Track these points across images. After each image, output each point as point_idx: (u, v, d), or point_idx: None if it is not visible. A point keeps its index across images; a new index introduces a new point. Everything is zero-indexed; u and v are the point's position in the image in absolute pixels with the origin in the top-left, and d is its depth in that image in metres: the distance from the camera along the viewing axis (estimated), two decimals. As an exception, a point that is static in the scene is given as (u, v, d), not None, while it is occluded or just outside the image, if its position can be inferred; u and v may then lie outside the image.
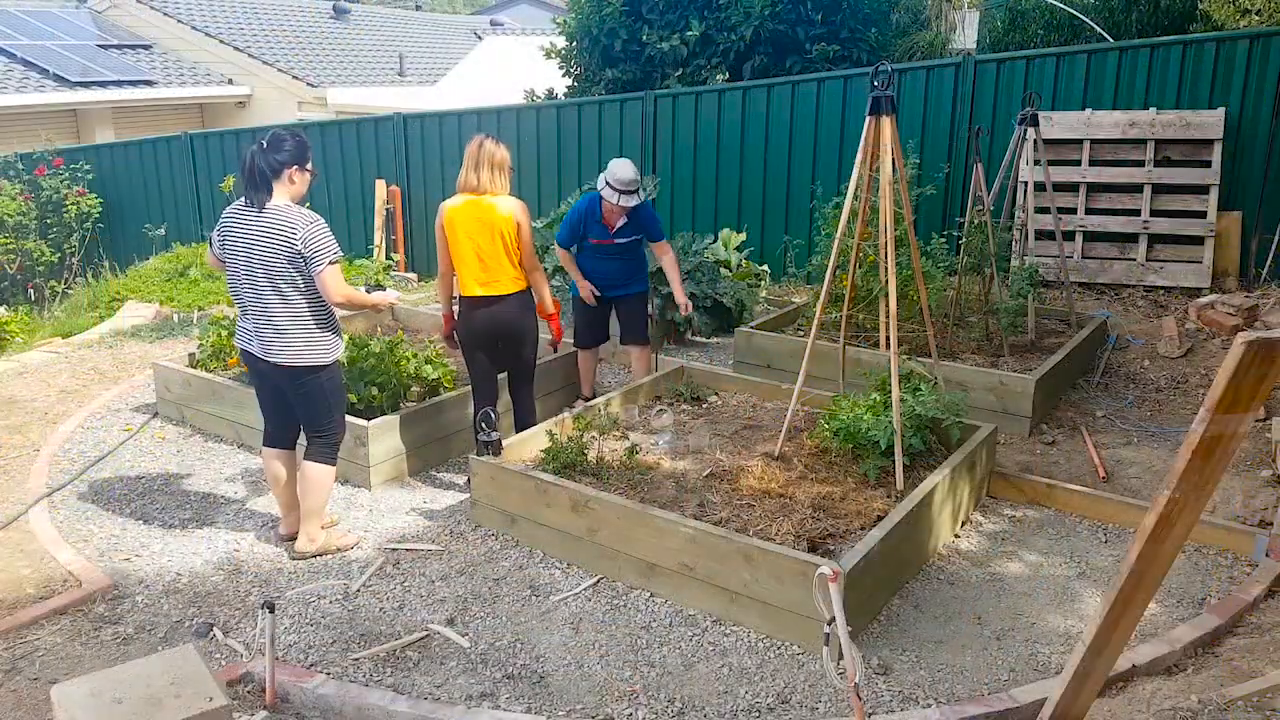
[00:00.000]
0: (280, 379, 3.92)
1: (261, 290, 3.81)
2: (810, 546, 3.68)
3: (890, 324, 4.27)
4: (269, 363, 3.87)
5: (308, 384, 3.92)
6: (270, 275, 3.79)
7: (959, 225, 7.01)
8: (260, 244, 3.77)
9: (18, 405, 6.02)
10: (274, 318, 3.82)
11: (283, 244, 3.75)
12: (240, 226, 3.82)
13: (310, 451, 4.05)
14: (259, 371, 3.98)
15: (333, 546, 4.18)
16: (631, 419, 5.08)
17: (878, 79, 4.16)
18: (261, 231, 3.77)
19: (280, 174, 3.78)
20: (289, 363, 3.85)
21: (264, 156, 3.76)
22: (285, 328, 3.83)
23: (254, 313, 3.85)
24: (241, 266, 3.83)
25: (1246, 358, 1.85)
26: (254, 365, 3.97)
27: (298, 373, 3.88)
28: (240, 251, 3.82)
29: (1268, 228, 7.20)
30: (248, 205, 3.81)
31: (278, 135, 3.83)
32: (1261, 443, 5.01)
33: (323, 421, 4.02)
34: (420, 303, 8.71)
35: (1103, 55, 7.64)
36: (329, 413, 4.03)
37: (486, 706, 3.16)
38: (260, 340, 3.86)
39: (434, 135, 10.46)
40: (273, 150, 3.78)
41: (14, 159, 12.35)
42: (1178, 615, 3.65)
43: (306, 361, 3.87)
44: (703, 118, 8.93)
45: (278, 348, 3.84)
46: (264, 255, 3.78)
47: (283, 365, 3.85)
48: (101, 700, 2.52)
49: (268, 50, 17.45)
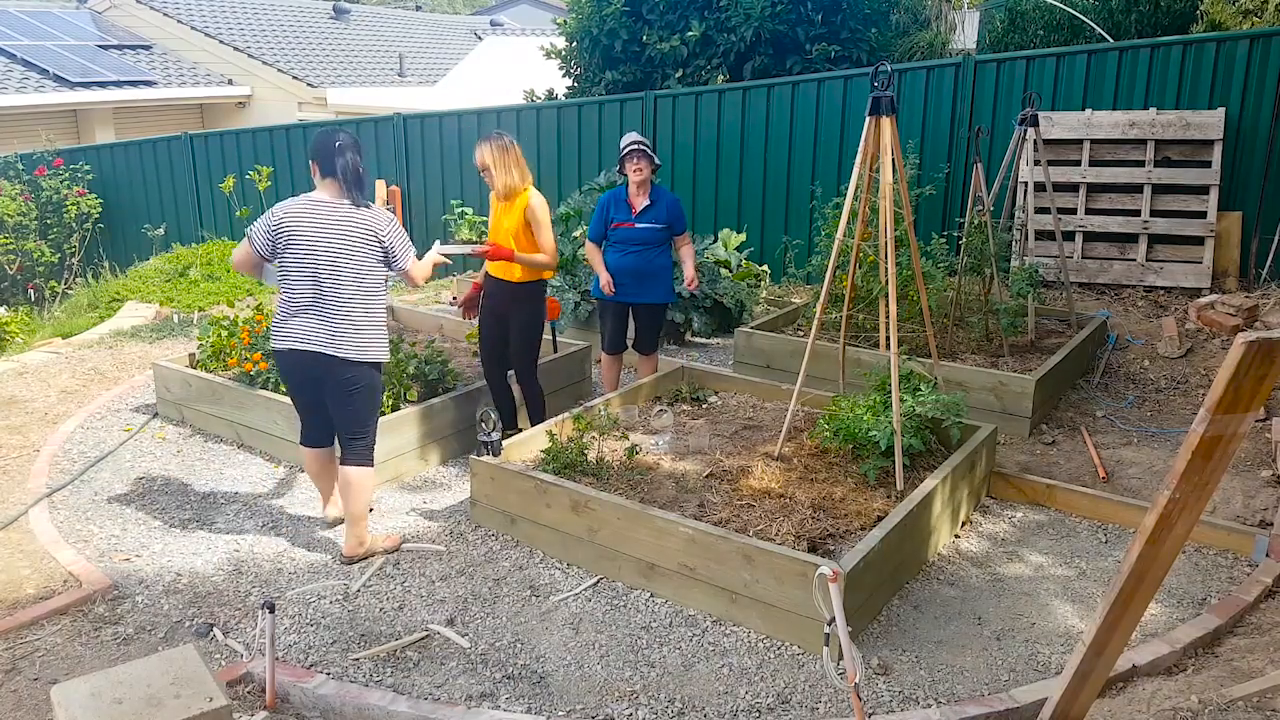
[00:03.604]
0: (340, 376, 3.93)
1: (344, 285, 3.86)
2: (810, 547, 3.68)
3: (890, 324, 4.27)
4: (336, 358, 3.89)
5: (364, 380, 3.98)
6: (357, 271, 3.87)
7: (959, 225, 7.01)
8: (351, 239, 3.86)
9: (18, 405, 6.02)
10: (351, 313, 3.88)
11: (375, 241, 3.90)
12: (322, 221, 3.85)
13: (350, 455, 4.05)
14: (313, 372, 3.94)
15: (379, 548, 4.17)
16: (631, 419, 5.08)
17: (878, 79, 4.16)
18: (353, 227, 3.87)
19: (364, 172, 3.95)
20: (359, 358, 3.92)
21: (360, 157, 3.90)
22: (361, 324, 3.91)
23: (330, 308, 3.86)
24: (322, 261, 3.85)
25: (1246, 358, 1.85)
26: (307, 365, 3.93)
27: (363, 369, 3.95)
28: (320, 246, 3.84)
29: (1268, 228, 7.20)
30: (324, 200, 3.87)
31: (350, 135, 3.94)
32: (1261, 443, 5.01)
33: (366, 421, 4.06)
34: (420, 303, 8.71)
35: (1103, 55, 7.64)
36: (373, 412, 4.08)
37: (486, 707, 3.16)
38: (333, 336, 3.87)
39: (434, 136, 10.46)
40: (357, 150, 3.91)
41: (14, 159, 12.35)
42: (1178, 615, 3.65)
43: (372, 357, 3.96)
44: (702, 118, 8.93)
45: (350, 343, 3.89)
46: (354, 250, 3.87)
47: (351, 360, 3.90)
48: (101, 700, 2.52)
49: (268, 50, 17.45)
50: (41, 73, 14.71)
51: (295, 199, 3.92)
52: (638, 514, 3.80)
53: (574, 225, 7.70)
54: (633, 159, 5.22)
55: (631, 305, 5.44)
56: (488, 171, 4.71)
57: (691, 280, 5.38)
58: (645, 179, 5.27)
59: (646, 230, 5.28)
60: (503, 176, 4.70)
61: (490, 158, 4.68)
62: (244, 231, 4.05)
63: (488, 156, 4.68)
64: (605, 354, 5.60)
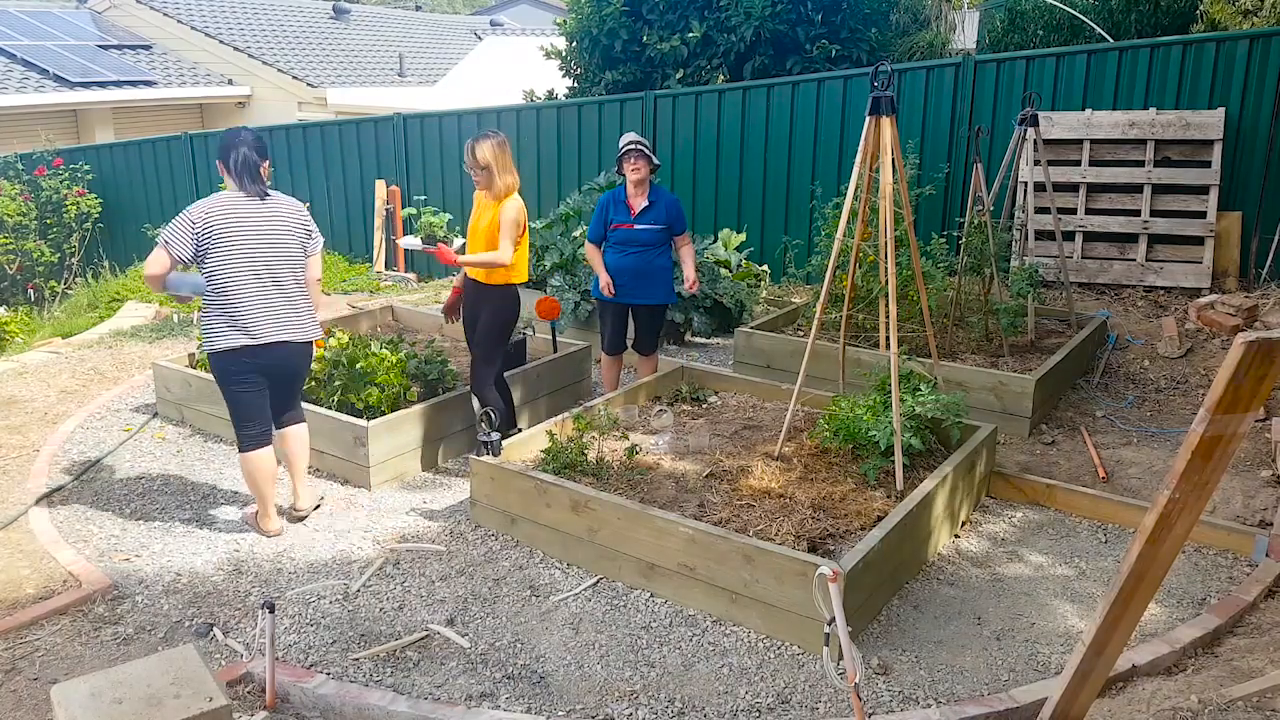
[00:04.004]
0: (308, 358, 4.22)
1: (281, 274, 4.04)
2: (810, 547, 3.68)
3: (890, 324, 4.27)
4: (307, 343, 4.15)
5: (310, 360, 4.29)
6: (291, 258, 4.08)
7: (959, 225, 7.01)
8: (282, 229, 4.06)
9: (18, 405, 6.02)
10: (295, 299, 4.09)
11: (299, 228, 4.13)
12: (249, 215, 3.98)
13: (298, 416, 4.38)
14: (290, 360, 4.12)
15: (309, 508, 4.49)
16: (631, 419, 5.08)
17: (877, 79, 4.16)
18: (281, 217, 4.06)
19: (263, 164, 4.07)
20: (312, 337, 4.18)
21: (253, 151, 4.01)
22: (303, 306, 4.14)
23: (276, 299, 4.02)
24: (262, 253, 3.98)
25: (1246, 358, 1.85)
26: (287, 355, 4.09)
27: (309, 350, 4.23)
28: (255, 239, 3.97)
29: (1267, 228, 7.20)
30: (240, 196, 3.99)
31: (251, 132, 4.13)
32: (1261, 443, 5.01)
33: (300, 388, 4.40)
34: (420, 303, 8.71)
35: (1103, 55, 7.64)
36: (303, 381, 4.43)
37: (486, 706, 3.16)
38: (299, 323, 4.10)
39: (434, 135, 10.46)
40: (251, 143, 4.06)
41: (14, 159, 12.35)
42: (1178, 615, 3.65)
43: (318, 335, 4.25)
44: (702, 118, 8.93)
45: (310, 324, 4.17)
46: (287, 239, 4.07)
47: (307, 342, 4.17)
48: (101, 700, 2.52)
49: (268, 50, 17.45)
50: (41, 73, 14.71)
51: (209, 200, 3.97)
52: (638, 514, 3.80)
53: (574, 225, 7.70)
54: (630, 158, 5.21)
55: (631, 306, 5.44)
56: (487, 170, 4.67)
57: (692, 282, 5.38)
58: (643, 179, 5.26)
59: (646, 231, 5.27)
60: (506, 177, 4.72)
61: (492, 156, 4.67)
62: None
63: (489, 154, 4.67)
64: (605, 354, 5.60)
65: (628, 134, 5.35)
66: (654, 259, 5.33)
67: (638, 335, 5.56)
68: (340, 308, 8.29)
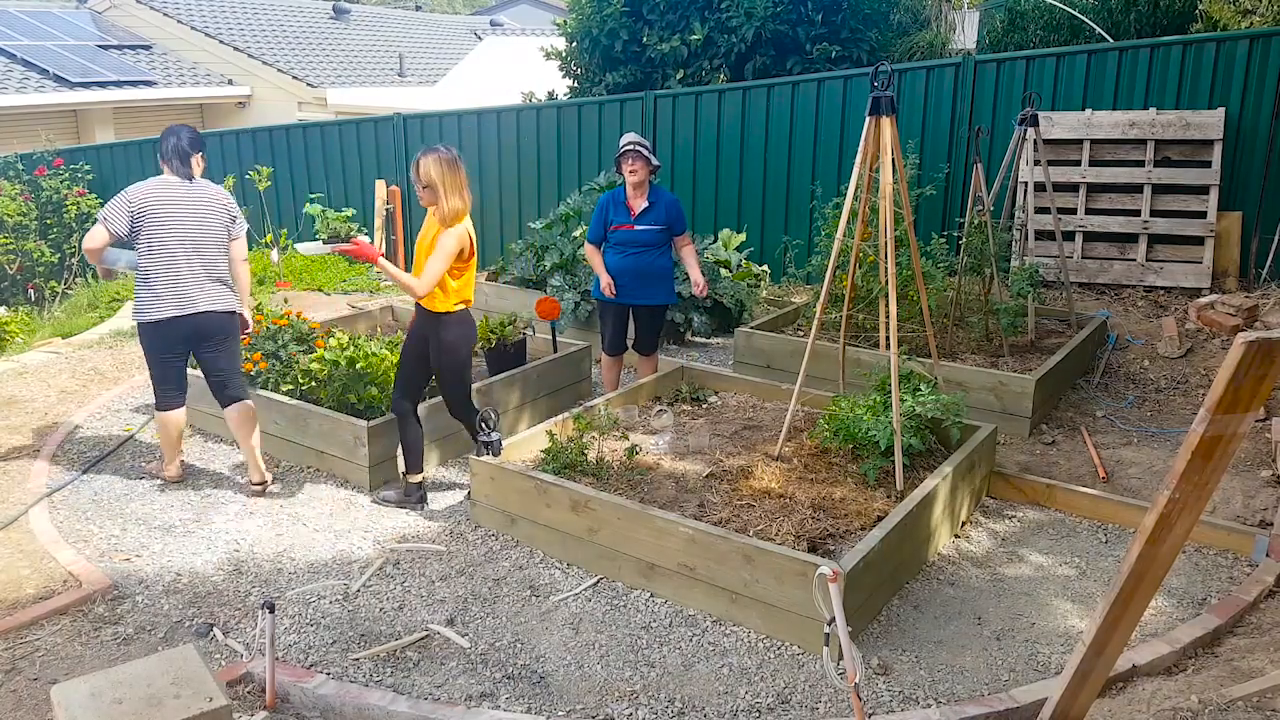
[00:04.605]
0: (228, 327, 4.61)
1: (207, 251, 4.51)
2: (810, 547, 3.69)
3: (890, 324, 4.27)
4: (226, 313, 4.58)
5: (236, 327, 4.68)
6: (216, 237, 4.56)
7: (959, 225, 7.01)
8: (206, 210, 4.54)
9: (18, 405, 6.02)
10: (219, 274, 4.57)
11: (223, 211, 4.61)
12: (181, 199, 4.47)
13: (239, 393, 4.68)
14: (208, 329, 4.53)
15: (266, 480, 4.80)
16: (631, 419, 5.08)
17: (877, 79, 4.16)
18: (208, 200, 4.55)
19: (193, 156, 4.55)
20: (232, 308, 4.63)
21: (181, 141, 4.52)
22: (227, 281, 4.62)
23: (202, 273, 4.49)
24: (190, 232, 4.46)
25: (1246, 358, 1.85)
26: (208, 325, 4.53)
27: (233, 319, 4.65)
28: (186, 219, 4.46)
29: (1267, 228, 7.20)
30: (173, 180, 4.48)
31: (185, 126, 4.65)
32: (1261, 443, 5.01)
33: (239, 363, 4.75)
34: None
35: (1103, 55, 7.64)
36: (239, 357, 4.77)
37: (486, 707, 3.16)
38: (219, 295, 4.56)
39: (434, 136, 10.45)
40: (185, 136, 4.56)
41: (14, 159, 12.35)
42: (1178, 615, 3.66)
43: (238, 308, 4.69)
44: (702, 118, 8.93)
45: (228, 297, 4.61)
46: (210, 220, 4.55)
47: (233, 311, 4.64)
48: (101, 700, 2.52)
49: (268, 50, 17.45)
50: (41, 73, 14.71)
51: (145, 183, 4.47)
52: (638, 514, 3.80)
53: (574, 225, 7.70)
54: (628, 159, 5.21)
55: (632, 306, 5.44)
56: (431, 189, 4.14)
57: (700, 285, 5.36)
58: (642, 180, 5.26)
59: (646, 232, 5.27)
60: (454, 199, 4.16)
61: (438, 174, 4.14)
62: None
63: (433, 172, 4.13)
64: (605, 355, 5.60)
65: (627, 134, 5.35)
66: (654, 259, 5.33)
67: (638, 335, 5.56)
68: (340, 308, 8.29)
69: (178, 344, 4.51)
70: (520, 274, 7.59)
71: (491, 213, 10.29)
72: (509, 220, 10.15)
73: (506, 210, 10.15)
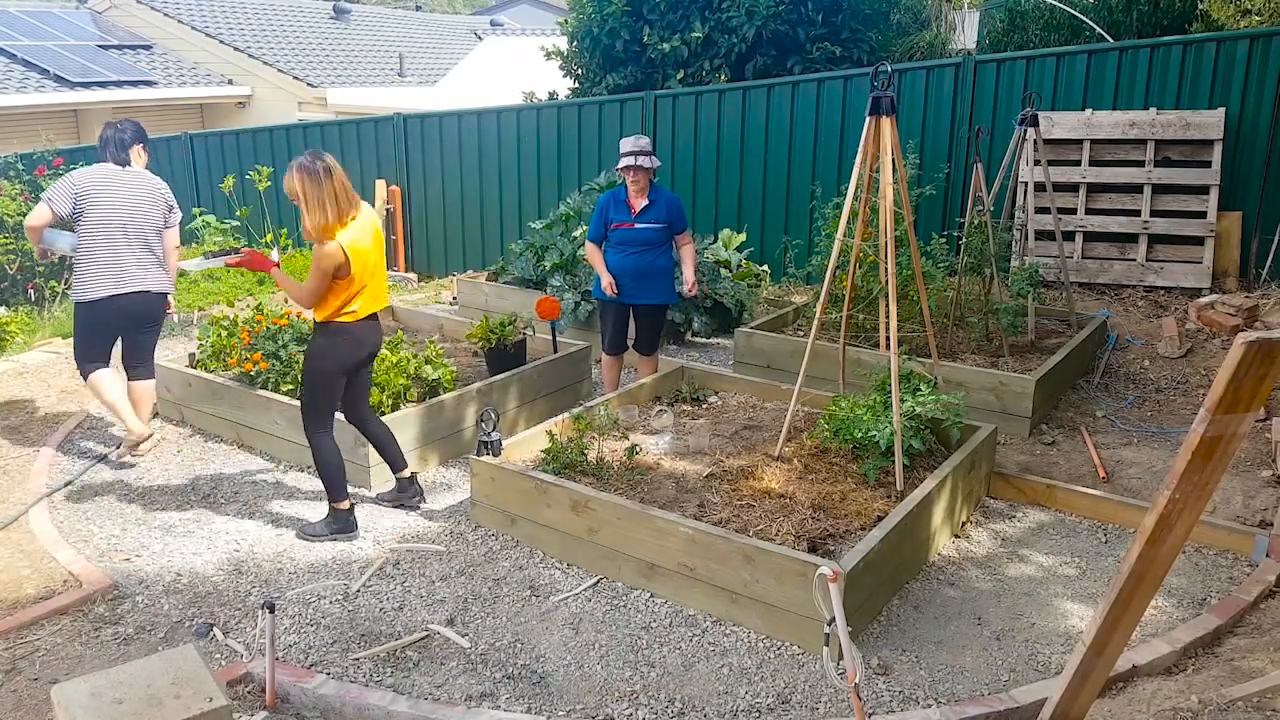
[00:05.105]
0: (156, 308, 5.03)
1: (145, 234, 4.94)
2: (810, 547, 3.68)
3: (890, 324, 4.27)
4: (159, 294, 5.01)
5: (162, 311, 5.10)
6: (151, 222, 4.97)
7: (959, 225, 7.01)
8: (143, 196, 4.97)
9: (18, 405, 6.02)
10: (154, 256, 4.99)
11: (160, 199, 5.05)
12: (120, 185, 4.90)
13: (146, 373, 5.15)
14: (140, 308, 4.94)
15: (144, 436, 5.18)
16: (631, 419, 5.08)
17: (878, 79, 4.16)
18: (142, 188, 4.98)
19: (132, 147, 5.02)
20: (165, 290, 5.06)
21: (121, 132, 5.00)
22: (160, 264, 5.02)
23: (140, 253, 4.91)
24: (129, 216, 4.88)
25: (1246, 358, 1.85)
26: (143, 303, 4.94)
27: (164, 300, 5.07)
28: (125, 204, 4.89)
29: (1268, 228, 7.20)
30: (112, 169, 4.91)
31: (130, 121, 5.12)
32: (1261, 443, 5.01)
33: (155, 343, 5.18)
34: (420, 303, 8.71)
35: (1103, 55, 7.64)
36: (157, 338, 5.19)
37: (486, 707, 3.16)
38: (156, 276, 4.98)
39: (434, 135, 10.46)
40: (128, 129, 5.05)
41: (14, 159, 12.34)
42: (1178, 615, 3.66)
43: (170, 289, 5.13)
44: (703, 118, 8.93)
45: (162, 279, 5.03)
46: (146, 206, 4.97)
47: (165, 293, 5.06)
48: (102, 700, 2.52)
49: (268, 50, 17.46)
50: (42, 73, 14.71)
51: (89, 169, 4.94)
52: (638, 514, 3.80)
53: (574, 225, 7.70)
54: (629, 172, 5.22)
55: (632, 306, 5.44)
56: (298, 202, 3.85)
57: (691, 284, 5.37)
58: (644, 185, 5.27)
59: (646, 231, 5.27)
60: (315, 214, 3.80)
61: (300, 187, 3.79)
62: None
63: (296, 185, 3.80)
64: (605, 354, 5.60)
65: (629, 140, 5.28)
66: (655, 259, 5.33)
67: (638, 335, 5.56)
68: (340, 308, 8.26)
69: (113, 321, 4.92)
70: (520, 274, 7.59)
71: (491, 213, 10.29)
72: (509, 220, 10.15)
73: (506, 210, 10.15)
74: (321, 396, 4.16)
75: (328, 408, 4.20)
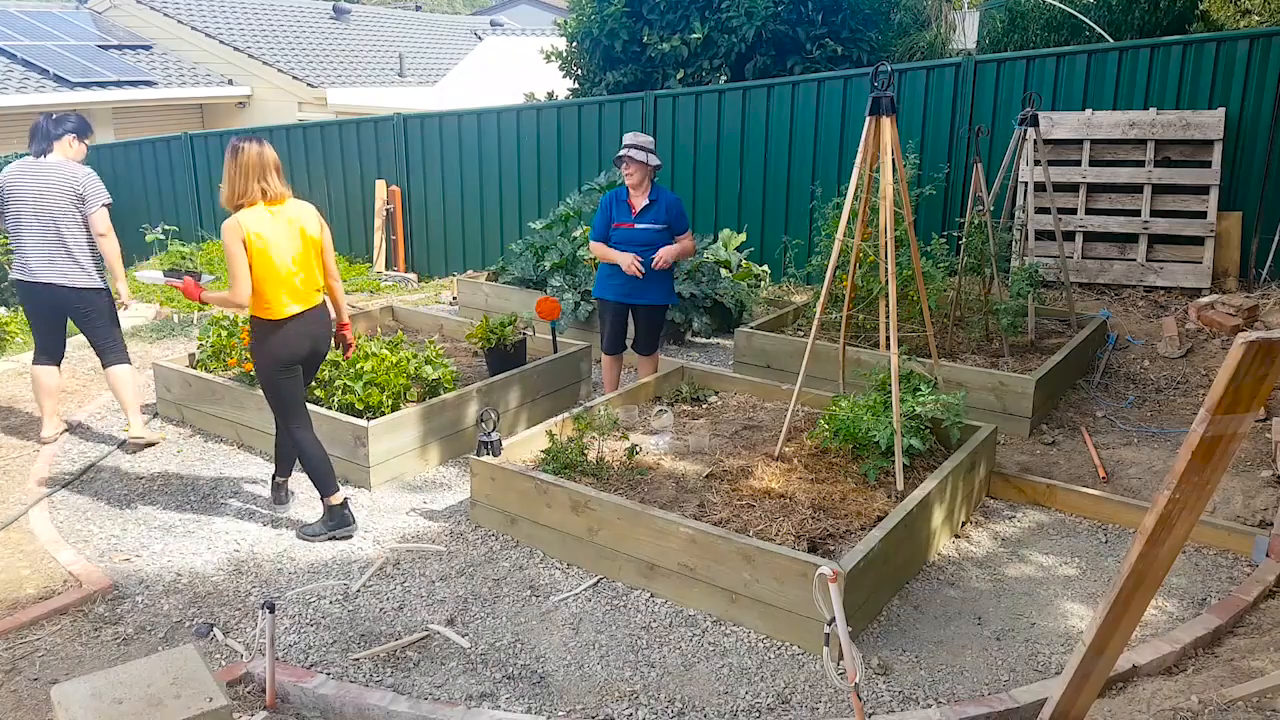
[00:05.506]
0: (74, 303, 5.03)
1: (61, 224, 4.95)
2: (810, 547, 3.68)
3: (890, 324, 4.27)
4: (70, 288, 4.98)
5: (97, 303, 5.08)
6: (64, 212, 4.94)
7: (959, 225, 7.01)
8: (52, 187, 4.96)
9: (18, 405, 6.02)
10: (70, 248, 4.97)
11: (69, 188, 4.97)
12: (34, 177, 4.96)
13: (111, 359, 5.17)
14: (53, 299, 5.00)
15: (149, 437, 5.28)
16: (631, 419, 5.08)
17: (878, 79, 4.16)
18: (55, 178, 4.96)
19: (60, 138, 5.03)
20: (86, 284, 5.02)
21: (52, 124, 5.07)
22: (79, 256, 4.99)
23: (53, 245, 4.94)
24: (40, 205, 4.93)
25: (1246, 358, 1.85)
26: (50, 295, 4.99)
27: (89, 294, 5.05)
28: (35, 196, 4.94)
29: (1268, 228, 7.20)
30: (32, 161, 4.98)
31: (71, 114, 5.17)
32: (1261, 443, 5.01)
33: (110, 333, 5.18)
34: (420, 303, 8.71)
35: (1103, 55, 7.64)
36: (112, 324, 5.20)
37: (486, 707, 3.16)
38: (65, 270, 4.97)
39: (434, 135, 10.46)
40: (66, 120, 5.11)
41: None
42: (1178, 615, 3.66)
43: (96, 284, 5.06)
44: (703, 118, 8.93)
45: (77, 272, 4.99)
46: (55, 195, 4.95)
47: (80, 288, 5.01)
48: (102, 700, 2.52)
49: (268, 50, 17.46)
50: (41, 73, 14.71)
51: (14, 163, 5.05)
52: (638, 514, 3.80)
53: (574, 225, 7.70)
54: (622, 163, 5.22)
55: (632, 306, 5.44)
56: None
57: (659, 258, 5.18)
58: (640, 181, 5.26)
59: (647, 230, 5.27)
60: (223, 189, 4.01)
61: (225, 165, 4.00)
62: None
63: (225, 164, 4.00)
64: (605, 354, 5.60)
65: (629, 135, 5.33)
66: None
67: (638, 335, 5.56)
68: (340, 308, 8.27)
69: (35, 310, 5.10)
70: (520, 274, 7.59)
71: (491, 213, 10.29)
72: (509, 220, 10.15)
73: (507, 210, 10.16)
74: (276, 394, 4.18)
75: (292, 403, 4.20)
